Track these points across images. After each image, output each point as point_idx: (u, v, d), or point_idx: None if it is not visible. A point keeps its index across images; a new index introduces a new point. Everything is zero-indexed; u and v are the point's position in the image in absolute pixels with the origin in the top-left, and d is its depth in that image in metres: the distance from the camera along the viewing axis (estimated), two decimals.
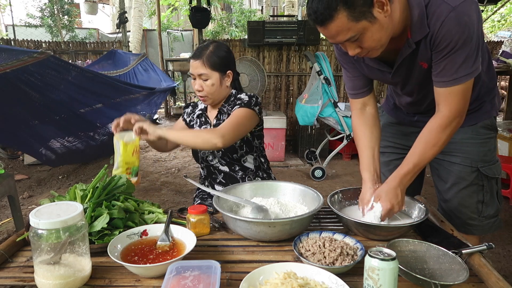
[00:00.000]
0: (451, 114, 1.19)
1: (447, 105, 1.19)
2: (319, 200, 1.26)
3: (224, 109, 1.70)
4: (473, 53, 1.11)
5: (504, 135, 3.72)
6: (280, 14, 11.18)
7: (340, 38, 1.08)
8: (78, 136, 3.30)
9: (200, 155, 1.80)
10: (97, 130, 3.43)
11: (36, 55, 2.47)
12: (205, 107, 1.79)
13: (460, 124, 1.23)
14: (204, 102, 1.71)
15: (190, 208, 1.22)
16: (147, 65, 4.73)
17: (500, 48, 5.32)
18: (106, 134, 3.46)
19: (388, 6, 1.04)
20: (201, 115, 1.79)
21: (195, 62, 1.61)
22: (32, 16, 10.13)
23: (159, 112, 8.42)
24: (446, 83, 1.16)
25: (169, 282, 0.86)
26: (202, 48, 1.64)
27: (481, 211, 1.43)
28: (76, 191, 1.22)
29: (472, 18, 1.08)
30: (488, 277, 0.94)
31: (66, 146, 3.30)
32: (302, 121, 4.09)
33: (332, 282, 0.89)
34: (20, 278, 1.00)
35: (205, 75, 1.61)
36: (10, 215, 2.74)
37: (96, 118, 3.41)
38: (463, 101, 1.19)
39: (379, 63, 1.29)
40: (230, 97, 1.72)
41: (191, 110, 1.84)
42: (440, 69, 1.16)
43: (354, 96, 1.45)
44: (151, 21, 14.74)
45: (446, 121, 1.20)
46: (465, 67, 1.13)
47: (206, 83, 1.62)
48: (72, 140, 3.30)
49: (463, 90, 1.16)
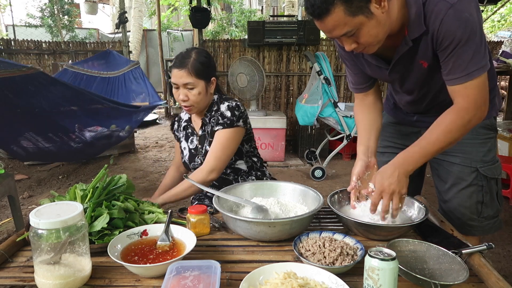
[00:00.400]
0: (470, 105, 1.15)
1: (464, 97, 1.15)
2: (319, 200, 1.26)
3: (207, 119, 1.67)
4: (479, 48, 1.10)
5: (504, 135, 3.72)
6: (280, 14, 11.18)
7: (336, 33, 1.08)
8: (50, 139, 3.31)
9: (190, 166, 1.76)
10: (72, 137, 3.42)
11: (25, 69, 2.54)
12: (189, 117, 1.78)
13: (480, 120, 1.18)
14: (189, 112, 1.66)
15: (190, 208, 1.22)
16: (139, 75, 4.61)
17: (500, 48, 5.32)
18: (82, 142, 3.46)
19: (385, 2, 1.05)
20: (186, 127, 1.78)
21: (179, 71, 1.55)
22: (32, 16, 10.13)
23: (159, 112, 8.41)
24: (458, 79, 1.14)
25: (169, 282, 0.86)
26: (183, 57, 1.58)
27: (481, 211, 1.43)
28: (76, 191, 1.22)
29: (473, 15, 1.07)
30: (488, 277, 0.94)
31: (38, 147, 3.31)
32: (302, 121, 4.09)
33: (332, 282, 0.89)
34: (20, 278, 1.00)
35: (191, 84, 1.56)
36: (10, 215, 2.74)
37: (72, 122, 3.41)
38: (481, 94, 1.15)
39: (377, 59, 1.30)
40: (212, 105, 1.68)
41: (177, 125, 1.84)
42: (450, 68, 1.15)
43: (355, 90, 1.48)
44: (151, 21, 14.74)
45: (463, 111, 1.16)
46: (475, 62, 1.11)
47: (192, 92, 1.57)
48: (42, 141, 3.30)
49: (478, 84, 1.14)
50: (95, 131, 3.60)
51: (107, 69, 4.50)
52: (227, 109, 1.62)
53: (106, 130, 3.63)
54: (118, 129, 3.74)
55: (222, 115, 1.62)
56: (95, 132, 3.60)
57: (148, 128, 6.94)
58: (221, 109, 1.64)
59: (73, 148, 3.49)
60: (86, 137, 3.49)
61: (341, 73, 5.23)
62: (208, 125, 1.67)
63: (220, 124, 1.60)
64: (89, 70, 4.47)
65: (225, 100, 1.67)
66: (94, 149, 3.82)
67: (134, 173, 4.34)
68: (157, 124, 7.35)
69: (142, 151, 5.31)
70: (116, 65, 4.60)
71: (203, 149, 1.70)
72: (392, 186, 1.15)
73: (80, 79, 4.39)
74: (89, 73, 4.47)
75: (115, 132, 3.71)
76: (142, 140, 5.98)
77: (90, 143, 3.52)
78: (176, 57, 1.62)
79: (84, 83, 4.37)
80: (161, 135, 6.34)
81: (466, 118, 1.16)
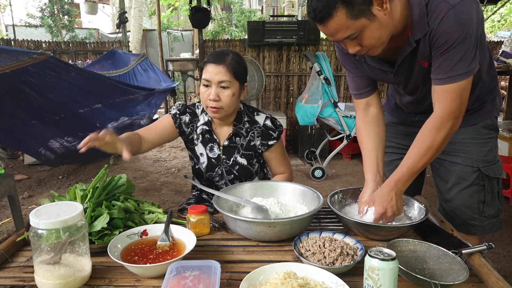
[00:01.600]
0: (444, 114, 1.17)
1: (440, 104, 1.18)
2: (319, 200, 1.26)
3: (242, 130, 1.57)
4: (470, 52, 1.11)
5: (504, 135, 3.72)
6: (280, 14, 11.18)
7: (339, 36, 1.09)
8: (78, 136, 3.30)
9: (206, 176, 1.63)
10: (97, 131, 3.42)
11: (35, 55, 2.47)
12: (210, 122, 1.60)
13: (457, 126, 1.20)
14: (214, 114, 1.49)
15: (190, 208, 1.22)
16: (147, 65, 4.70)
17: (500, 48, 5.32)
18: None
19: (387, 4, 1.05)
20: (205, 132, 1.59)
21: (217, 67, 1.43)
22: (32, 16, 10.13)
23: (159, 112, 8.42)
24: (440, 80, 1.16)
25: (169, 282, 0.86)
26: (222, 53, 1.47)
27: (482, 211, 1.43)
28: (76, 191, 1.22)
29: (472, 17, 1.08)
30: (488, 277, 0.94)
31: (65, 146, 3.30)
32: (302, 121, 4.08)
33: (332, 282, 0.89)
34: (20, 278, 1.00)
35: (227, 82, 1.44)
36: (10, 215, 2.74)
37: (95, 118, 3.40)
38: (458, 101, 1.16)
39: (381, 62, 1.29)
40: (240, 114, 1.58)
41: (190, 119, 1.61)
42: (437, 66, 1.16)
43: (357, 96, 1.45)
44: (151, 21, 14.74)
45: (439, 122, 1.18)
46: (461, 66, 1.12)
47: (225, 93, 1.45)
48: (71, 140, 3.29)
49: (458, 89, 1.15)
50: (117, 122, 3.63)
51: (115, 68, 4.51)
52: (269, 121, 1.59)
53: (127, 119, 3.66)
54: (139, 117, 3.79)
55: (267, 127, 1.58)
56: (117, 122, 3.62)
57: None
58: (260, 121, 1.59)
59: None
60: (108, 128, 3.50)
61: (341, 73, 5.23)
62: (243, 137, 1.58)
63: (274, 138, 1.59)
64: (97, 72, 4.49)
65: (256, 111, 1.63)
66: None
67: (134, 173, 4.34)
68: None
69: None
70: (123, 62, 4.64)
71: (230, 161, 1.60)
72: (392, 209, 1.19)
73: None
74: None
75: (136, 120, 3.77)
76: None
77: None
78: (211, 54, 1.51)
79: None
80: None
81: (443, 131, 1.18)
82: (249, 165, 1.60)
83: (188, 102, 8.42)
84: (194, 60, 7.43)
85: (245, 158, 1.60)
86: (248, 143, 1.59)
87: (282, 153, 1.66)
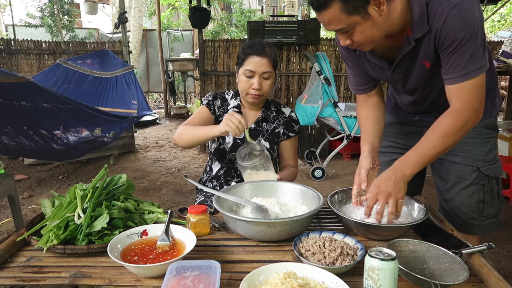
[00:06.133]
0: (465, 107, 1.15)
1: (460, 99, 1.16)
2: (319, 200, 1.26)
3: (269, 117, 1.72)
4: (479, 48, 1.11)
5: (504, 135, 3.72)
6: (280, 14, 11.17)
7: (331, 27, 1.12)
8: (32, 138, 3.29)
9: (229, 157, 1.71)
10: (55, 139, 3.39)
11: (14, 78, 2.51)
12: (239, 105, 1.72)
13: (475, 122, 1.18)
14: (255, 99, 1.62)
15: (190, 208, 1.22)
16: (131, 80, 4.46)
17: (500, 48, 5.31)
18: (64, 145, 3.44)
19: (384, 5, 1.06)
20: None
21: (262, 59, 1.55)
22: (32, 16, 10.11)
23: (159, 112, 8.41)
24: (456, 79, 1.15)
25: (169, 282, 0.86)
26: (262, 45, 1.58)
27: (482, 210, 1.43)
28: (76, 191, 1.22)
29: (475, 15, 1.08)
30: (488, 277, 0.94)
31: (19, 144, 3.29)
32: (302, 121, 4.08)
33: (332, 282, 0.89)
34: (20, 278, 1.00)
35: (269, 73, 1.57)
36: (10, 215, 2.74)
37: (58, 124, 3.38)
38: (478, 96, 1.15)
39: (380, 59, 1.30)
40: (269, 103, 1.74)
41: (221, 103, 1.73)
42: (448, 66, 1.15)
43: (357, 91, 1.48)
44: (151, 21, 14.73)
45: (458, 114, 1.16)
46: (473, 62, 1.12)
47: (267, 82, 1.59)
48: (24, 140, 3.28)
49: (475, 85, 1.14)
50: (79, 136, 3.58)
51: (101, 69, 4.43)
52: (294, 114, 1.76)
53: (90, 135, 3.62)
54: (103, 135, 3.71)
55: (292, 119, 1.75)
56: (79, 136, 3.58)
57: (148, 128, 6.94)
58: (286, 113, 1.76)
59: (54, 150, 3.48)
60: (69, 141, 3.48)
61: (341, 73, 5.23)
62: (269, 123, 1.72)
63: (295, 131, 1.75)
64: (82, 68, 4.39)
65: (281, 104, 1.79)
66: (76, 152, 3.81)
67: (134, 173, 4.34)
68: (157, 124, 7.34)
69: (142, 151, 5.30)
70: (111, 66, 4.53)
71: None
72: (388, 188, 1.15)
73: (72, 76, 4.30)
74: (82, 71, 4.39)
75: (99, 137, 3.69)
76: (142, 140, 5.97)
77: (73, 146, 3.51)
78: (250, 45, 1.60)
79: (76, 80, 4.27)
80: (161, 135, 6.33)
81: (461, 122, 1.15)
82: (271, 149, 1.70)
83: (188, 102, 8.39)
84: (194, 60, 7.44)
85: (268, 142, 1.70)
86: (273, 130, 1.72)
87: (296, 148, 1.79)
